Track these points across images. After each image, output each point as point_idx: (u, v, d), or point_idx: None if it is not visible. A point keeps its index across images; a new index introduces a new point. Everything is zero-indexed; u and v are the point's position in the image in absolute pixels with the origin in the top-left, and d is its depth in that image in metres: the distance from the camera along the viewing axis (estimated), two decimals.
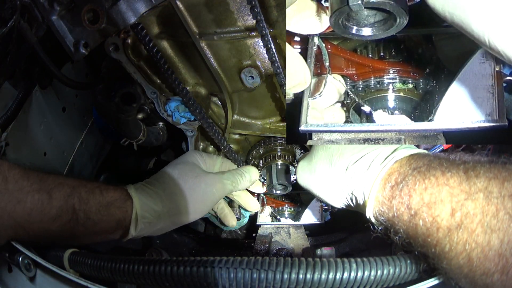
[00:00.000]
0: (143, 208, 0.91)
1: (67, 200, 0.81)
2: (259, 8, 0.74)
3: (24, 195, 0.76)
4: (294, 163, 1.18)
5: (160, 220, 0.94)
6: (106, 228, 0.87)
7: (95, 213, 0.84)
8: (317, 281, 0.60)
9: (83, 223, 0.83)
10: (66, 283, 0.74)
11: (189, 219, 1.02)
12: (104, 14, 0.67)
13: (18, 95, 1.12)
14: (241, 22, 0.88)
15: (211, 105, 1.17)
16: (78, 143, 1.50)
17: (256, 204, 1.27)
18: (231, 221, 1.24)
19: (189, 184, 1.01)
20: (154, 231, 0.97)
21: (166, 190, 0.98)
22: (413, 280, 0.64)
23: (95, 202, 0.85)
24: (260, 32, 0.78)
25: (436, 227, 0.58)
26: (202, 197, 1.03)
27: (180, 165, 1.07)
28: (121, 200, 0.89)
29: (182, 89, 0.95)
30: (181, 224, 1.02)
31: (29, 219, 0.76)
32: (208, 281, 0.63)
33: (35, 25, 1.05)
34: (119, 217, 0.88)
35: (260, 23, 0.76)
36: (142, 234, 0.93)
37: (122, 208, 0.88)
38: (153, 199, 0.94)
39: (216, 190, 1.05)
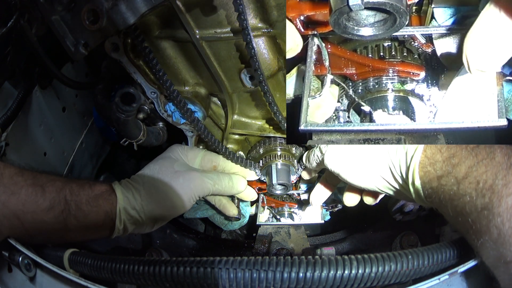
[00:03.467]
0: (125, 201, 0.95)
1: (59, 192, 0.87)
2: (246, 15, 0.75)
3: (19, 188, 0.82)
4: (294, 163, 1.18)
5: (141, 214, 0.98)
6: (96, 220, 0.91)
7: (85, 204, 0.90)
8: (317, 279, 0.60)
9: (75, 214, 0.87)
10: (66, 283, 0.74)
11: (169, 214, 1.04)
12: (104, 14, 0.67)
13: (18, 95, 1.12)
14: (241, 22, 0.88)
15: (211, 105, 1.17)
16: (78, 143, 1.50)
17: (251, 193, 1.25)
18: (231, 210, 1.24)
19: (167, 179, 1.04)
20: (138, 226, 1.00)
21: (145, 185, 1.01)
22: (415, 277, 0.64)
23: (85, 194, 0.91)
24: (245, 39, 0.79)
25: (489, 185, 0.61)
26: (180, 192, 1.03)
27: (160, 161, 1.11)
28: (107, 192, 0.95)
29: (173, 91, 0.95)
30: (163, 220, 1.06)
31: (23, 208, 0.81)
32: (208, 281, 0.63)
33: (35, 25, 1.05)
34: (106, 208, 0.93)
35: (245, 31, 0.77)
36: (128, 229, 0.97)
37: (109, 200, 0.94)
38: (133, 194, 0.98)
39: (194, 186, 1.06)
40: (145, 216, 0.99)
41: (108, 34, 0.70)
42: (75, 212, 0.88)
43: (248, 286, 0.62)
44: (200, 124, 1.03)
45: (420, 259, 0.63)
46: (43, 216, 0.83)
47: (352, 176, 0.88)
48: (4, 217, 0.79)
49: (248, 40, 0.79)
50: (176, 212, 1.06)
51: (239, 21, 0.76)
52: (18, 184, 0.82)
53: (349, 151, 0.88)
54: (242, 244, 1.45)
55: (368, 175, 0.85)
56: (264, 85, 0.88)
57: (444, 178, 0.69)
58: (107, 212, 0.93)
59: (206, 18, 0.87)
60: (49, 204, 0.84)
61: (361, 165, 0.86)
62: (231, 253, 1.43)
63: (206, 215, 1.42)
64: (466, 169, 0.66)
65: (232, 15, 0.87)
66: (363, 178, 0.86)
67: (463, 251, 0.67)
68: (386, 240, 1.29)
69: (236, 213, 1.25)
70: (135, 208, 0.97)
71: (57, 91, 1.33)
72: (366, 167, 0.85)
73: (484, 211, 0.60)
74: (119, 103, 0.97)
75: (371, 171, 0.84)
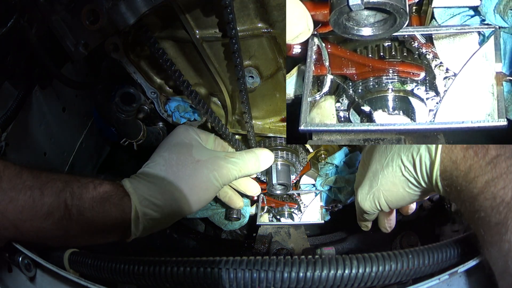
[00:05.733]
0: (143, 203, 0.84)
1: (58, 195, 0.77)
2: (235, 23, 0.76)
3: (17, 193, 0.74)
4: (294, 163, 1.18)
5: (163, 214, 0.87)
6: (102, 227, 0.81)
7: (89, 209, 0.79)
8: (318, 279, 0.60)
9: (77, 221, 0.78)
10: (66, 283, 0.74)
11: (192, 209, 0.93)
12: (104, 15, 0.67)
13: (18, 95, 1.12)
14: (241, 22, 0.88)
15: (211, 105, 1.17)
16: (78, 143, 1.49)
17: (256, 187, 1.17)
18: (238, 202, 1.17)
19: (189, 171, 0.92)
20: (158, 226, 0.89)
21: (166, 180, 0.89)
22: (416, 276, 0.64)
23: (88, 197, 0.79)
24: (232, 49, 0.79)
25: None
26: (205, 184, 0.93)
27: (176, 148, 0.97)
28: (117, 196, 0.82)
29: (183, 81, 0.93)
30: (182, 216, 0.94)
31: (21, 217, 0.74)
32: (208, 281, 0.63)
33: (35, 25, 1.05)
34: (115, 215, 0.81)
35: (233, 40, 0.78)
36: (146, 232, 0.87)
37: (119, 206, 0.82)
38: (152, 192, 0.86)
39: (220, 176, 0.95)
40: (167, 216, 0.89)
41: (108, 34, 0.70)
42: (77, 218, 0.78)
43: (248, 286, 0.62)
44: (210, 111, 0.98)
45: (420, 259, 0.63)
46: (41, 223, 0.76)
47: (391, 195, 0.86)
48: (2, 227, 0.74)
49: (235, 50, 0.80)
50: (200, 206, 0.95)
51: (228, 29, 0.76)
52: (17, 187, 0.75)
53: (376, 179, 0.87)
54: (242, 244, 1.45)
55: (403, 187, 0.84)
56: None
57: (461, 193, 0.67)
58: (116, 219, 0.81)
59: (206, 18, 0.87)
60: (47, 210, 0.75)
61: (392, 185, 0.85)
62: (231, 253, 1.43)
63: (206, 215, 1.42)
64: (483, 183, 0.63)
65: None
66: (399, 194, 0.85)
67: (463, 250, 0.67)
68: (386, 240, 1.29)
69: (242, 205, 1.21)
70: (156, 209, 0.85)
71: (57, 91, 1.33)
72: (396, 181, 0.83)
73: (498, 226, 0.58)
74: (119, 103, 0.97)
75: (402, 183, 0.83)
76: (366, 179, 0.91)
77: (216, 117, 0.99)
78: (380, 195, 0.87)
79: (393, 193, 0.85)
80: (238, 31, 0.90)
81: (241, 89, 0.89)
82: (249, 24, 0.88)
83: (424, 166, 0.76)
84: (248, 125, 1.02)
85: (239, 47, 0.80)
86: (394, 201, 0.87)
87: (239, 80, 0.86)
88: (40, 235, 0.78)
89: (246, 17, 0.87)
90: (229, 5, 0.72)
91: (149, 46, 0.83)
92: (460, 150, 0.69)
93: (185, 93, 0.92)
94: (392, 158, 0.83)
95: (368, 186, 0.90)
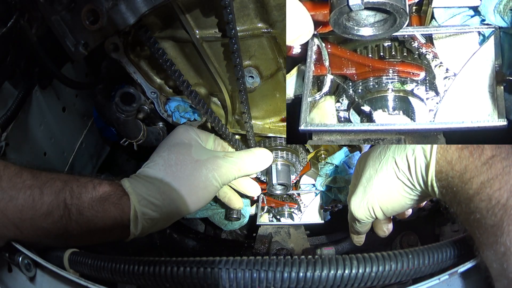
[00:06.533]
0: (142, 203, 0.85)
1: (58, 195, 0.78)
2: (235, 23, 0.76)
3: (17, 192, 0.75)
4: (294, 163, 1.18)
5: (162, 214, 0.87)
6: (101, 227, 0.82)
7: (88, 208, 0.80)
8: (318, 279, 0.60)
9: (76, 220, 0.79)
10: (66, 283, 0.74)
11: (191, 209, 0.94)
12: (104, 15, 0.67)
13: (18, 95, 1.12)
14: (241, 22, 0.88)
15: (211, 105, 1.17)
16: (78, 143, 1.50)
17: (256, 188, 1.17)
18: (237, 203, 1.17)
19: (188, 171, 0.92)
20: (157, 226, 0.90)
21: (164, 180, 0.89)
22: (415, 276, 0.64)
23: (88, 197, 0.80)
24: (232, 49, 0.79)
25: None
26: (203, 184, 0.93)
27: (176, 148, 0.97)
28: (116, 196, 0.83)
29: (183, 81, 0.93)
30: (182, 216, 0.95)
31: (20, 216, 0.75)
32: (208, 281, 0.63)
33: (35, 25, 1.05)
34: (114, 215, 0.82)
35: (232, 40, 0.78)
36: (146, 232, 0.88)
37: (118, 205, 0.82)
38: (151, 192, 0.87)
39: (220, 176, 0.96)
40: (166, 216, 0.89)
41: (108, 34, 0.70)
42: (76, 218, 0.79)
43: (248, 286, 0.62)
44: (210, 111, 0.99)
45: (420, 259, 0.63)
46: (41, 222, 0.76)
47: (386, 200, 0.85)
48: (3, 225, 0.75)
49: (234, 50, 0.80)
50: (199, 206, 0.96)
51: (227, 29, 0.76)
52: (16, 187, 0.76)
53: (370, 186, 0.86)
54: (242, 244, 1.45)
55: (398, 190, 0.82)
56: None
57: (457, 194, 0.67)
58: (115, 218, 0.82)
59: (206, 19, 0.87)
60: (47, 209, 0.76)
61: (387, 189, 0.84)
62: (231, 253, 1.43)
63: (206, 215, 1.43)
64: (479, 184, 0.62)
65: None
66: (395, 196, 0.84)
67: (463, 250, 0.67)
68: (386, 240, 1.29)
69: (242, 206, 1.20)
70: (155, 209, 0.86)
71: (57, 91, 1.33)
72: (392, 186, 0.83)
73: (493, 228, 0.58)
74: (119, 103, 0.97)
75: (398, 185, 0.82)
76: (359, 186, 0.89)
77: (216, 117, 0.99)
78: (374, 201, 0.85)
79: (388, 198, 0.83)
80: (238, 31, 0.90)
81: (240, 89, 0.89)
82: (249, 24, 0.88)
83: (419, 167, 0.75)
84: (247, 125, 1.02)
85: (238, 47, 0.80)
86: (390, 207, 0.85)
87: (238, 80, 0.86)
88: (40, 234, 0.79)
89: (246, 17, 0.87)
90: (229, 5, 0.72)
91: (149, 46, 0.83)
92: (455, 151, 0.69)
93: (185, 93, 0.92)
94: (386, 162, 0.82)
95: (362, 192, 0.88)
